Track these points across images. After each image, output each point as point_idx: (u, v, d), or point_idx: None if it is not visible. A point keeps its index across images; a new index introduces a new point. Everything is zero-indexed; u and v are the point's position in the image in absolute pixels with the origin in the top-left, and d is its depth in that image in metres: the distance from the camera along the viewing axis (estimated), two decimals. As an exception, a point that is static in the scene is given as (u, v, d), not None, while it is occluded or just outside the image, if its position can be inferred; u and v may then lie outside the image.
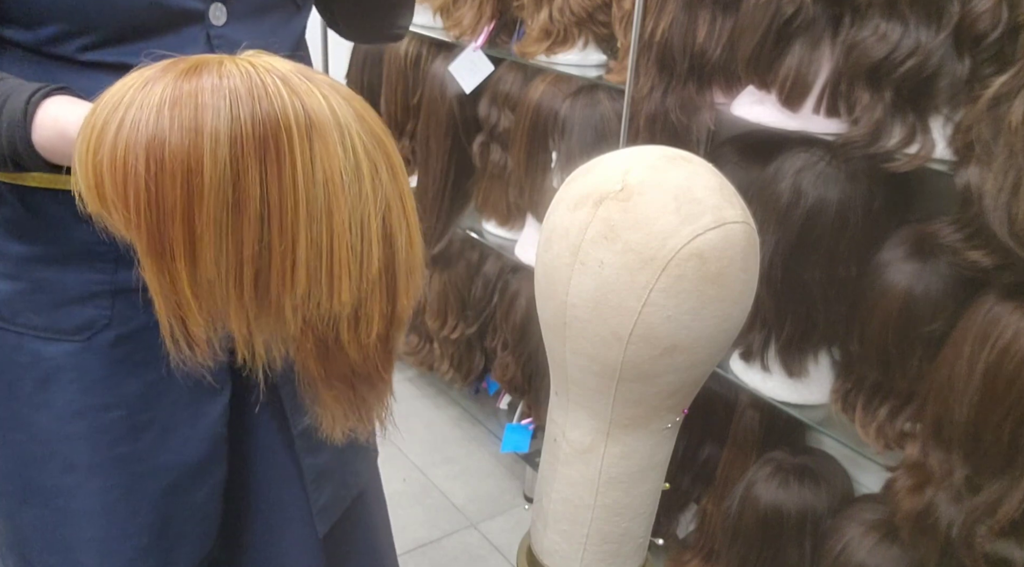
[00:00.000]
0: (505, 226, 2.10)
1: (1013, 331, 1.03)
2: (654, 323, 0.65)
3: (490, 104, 2.02)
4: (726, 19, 1.38)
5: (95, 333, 0.82)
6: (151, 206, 0.55)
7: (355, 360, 0.67)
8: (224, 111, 0.55)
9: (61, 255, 0.81)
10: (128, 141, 0.55)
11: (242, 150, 0.55)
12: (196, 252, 0.57)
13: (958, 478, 1.11)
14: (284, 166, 0.56)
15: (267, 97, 0.56)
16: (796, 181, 1.28)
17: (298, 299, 0.60)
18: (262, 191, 0.57)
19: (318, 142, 0.57)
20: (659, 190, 0.65)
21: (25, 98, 0.65)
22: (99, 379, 0.83)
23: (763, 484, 1.43)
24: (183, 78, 0.56)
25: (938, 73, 1.11)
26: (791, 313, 1.35)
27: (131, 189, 0.55)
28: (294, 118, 0.56)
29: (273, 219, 0.57)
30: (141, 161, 0.54)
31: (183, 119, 0.55)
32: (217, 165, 0.55)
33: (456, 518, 2.06)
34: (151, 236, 0.56)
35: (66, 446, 0.84)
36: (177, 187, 0.55)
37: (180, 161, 0.54)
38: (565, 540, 0.81)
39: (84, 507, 0.86)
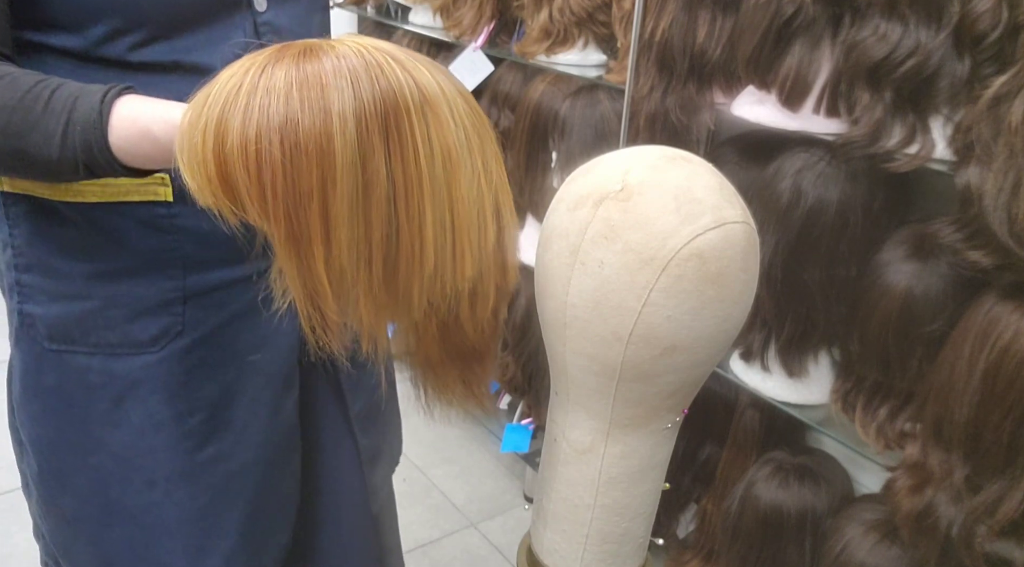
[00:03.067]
0: (505, 226, 2.10)
1: (1013, 331, 1.03)
2: (654, 323, 0.65)
3: (490, 104, 2.02)
4: (726, 19, 1.38)
5: (170, 341, 0.82)
6: (288, 190, 0.54)
7: (472, 337, 0.67)
8: (348, 91, 0.54)
9: (130, 267, 0.80)
10: (259, 126, 0.53)
11: (367, 129, 0.55)
12: (331, 235, 0.56)
13: (958, 478, 1.11)
14: (406, 144, 0.56)
15: (384, 75, 0.55)
16: (796, 181, 1.28)
17: (426, 280, 0.59)
18: (388, 170, 0.56)
19: (432, 118, 0.57)
20: (659, 190, 0.65)
21: (98, 99, 0.63)
22: (178, 387, 0.82)
23: (763, 484, 1.43)
24: (303, 60, 0.55)
25: (938, 73, 1.11)
26: (791, 313, 1.35)
27: (267, 174, 0.54)
28: (410, 95, 0.56)
29: (399, 199, 0.57)
30: (276, 145, 0.53)
31: (312, 100, 0.54)
32: (348, 145, 0.54)
33: (456, 518, 2.06)
34: (288, 221, 0.55)
35: (148, 460, 0.83)
36: (313, 169, 0.54)
37: (315, 142, 0.53)
38: (565, 540, 0.81)
39: (172, 519, 0.85)
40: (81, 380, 0.82)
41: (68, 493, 0.86)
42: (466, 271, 0.61)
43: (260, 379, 0.86)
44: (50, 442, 0.85)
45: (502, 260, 0.65)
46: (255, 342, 0.85)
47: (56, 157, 0.64)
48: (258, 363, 0.85)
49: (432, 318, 0.63)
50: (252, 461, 0.87)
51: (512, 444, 2.07)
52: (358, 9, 2.40)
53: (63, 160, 0.64)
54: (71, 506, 0.87)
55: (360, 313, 0.60)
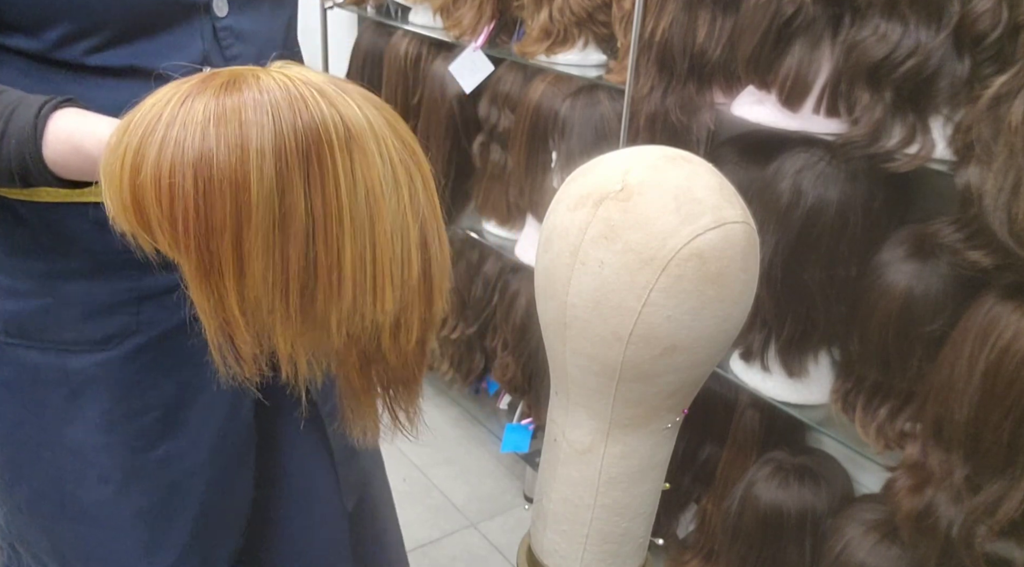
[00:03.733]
0: (505, 226, 2.10)
1: (1013, 331, 1.03)
2: (654, 323, 0.65)
3: (490, 104, 2.02)
4: (726, 19, 1.38)
5: (124, 340, 0.82)
6: (200, 225, 0.54)
7: (395, 366, 0.67)
8: (268, 126, 0.54)
9: (85, 267, 0.80)
10: (174, 160, 0.53)
11: (287, 164, 0.54)
12: (244, 269, 0.56)
13: (958, 478, 1.11)
14: (327, 179, 0.56)
15: (307, 110, 0.55)
16: (796, 181, 1.28)
17: (344, 312, 0.59)
18: (307, 205, 0.56)
19: (357, 153, 0.57)
20: (659, 190, 0.65)
21: (34, 112, 0.63)
22: (131, 385, 0.83)
23: (763, 484, 1.43)
24: (224, 93, 0.55)
25: (938, 73, 1.11)
26: (791, 313, 1.35)
27: (179, 208, 0.54)
28: (334, 130, 0.56)
29: (319, 233, 0.56)
30: (189, 180, 0.53)
31: (229, 136, 0.53)
32: (264, 180, 0.54)
33: (456, 518, 2.06)
34: (200, 255, 0.55)
35: (102, 457, 0.84)
36: (226, 204, 0.54)
37: (228, 178, 0.53)
38: (565, 540, 0.81)
39: (125, 515, 0.86)
40: (36, 375, 0.83)
41: (24, 484, 0.87)
42: (386, 304, 0.61)
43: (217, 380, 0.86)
44: (6, 434, 0.86)
45: (428, 292, 0.65)
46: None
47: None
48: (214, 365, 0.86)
49: (352, 347, 0.64)
50: (206, 461, 0.87)
51: (512, 444, 2.07)
52: (358, 9, 2.40)
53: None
54: (26, 497, 0.88)
55: (276, 342, 0.60)
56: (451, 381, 2.36)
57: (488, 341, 2.23)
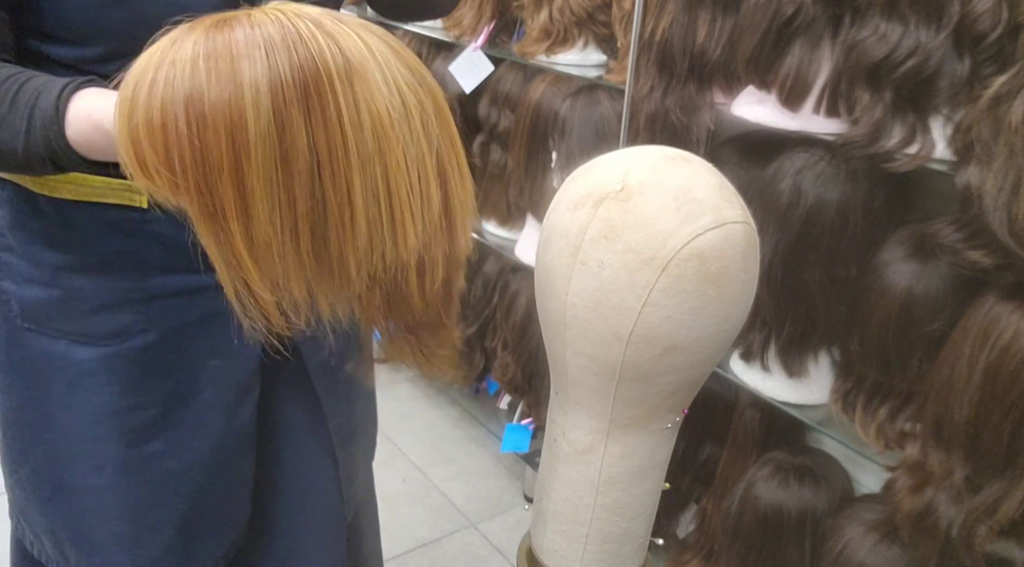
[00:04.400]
0: (505, 226, 2.10)
1: (1013, 331, 1.03)
2: (654, 323, 0.65)
3: (490, 104, 2.02)
4: (726, 19, 1.38)
5: (130, 337, 0.83)
6: (197, 165, 0.53)
7: (419, 309, 0.64)
8: (261, 60, 0.52)
9: (95, 264, 0.81)
10: (164, 99, 0.52)
11: (284, 99, 0.53)
12: (249, 209, 0.54)
13: (958, 478, 1.11)
14: (329, 112, 0.54)
15: (302, 42, 0.53)
16: (796, 181, 1.28)
17: (361, 252, 0.57)
18: (309, 141, 0.54)
19: (360, 83, 0.54)
20: (659, 190, 0.65)
21: (55, 94, 0.63)
22: (132, 381, 0.84)
23: (763, 484, 1.43)
24: (214, 31, 0.53)
25: (938, 73, 1.11)
26: (791, 313, 1.35)
27: (174, 149, 0.52)
28: (332, 61, 0.54)
29: (324, 169, 0.54)
30: (182, 119, 0.52)
31: (220, 71, 0.52)
32: (261, 116, 0.52)
33: (456, 518, 2.06)
34: (200, 196, 0.54)
35: (95, 446, 0.85)
36: (222, 142, 0.52)
37: (222, 114, 0.52)
38: (565, 540, 0.81)
39: (114, 505, 0.87)
40: (44, 361, 0.84)
41: (26, 463, 0.89)
42: (408, 241, 0.58)
43: (218, 384, 0.86)
44: (14, 414, 0.89)
45: (450, 227, 0.62)
46: (216, 348, 0.85)
47: (22, 152, 0.64)
48: (217, 369, 0.86)
49: (376, 291, 0.61)
50: (197, 462, 0.87)
51: (512, 444, 2.06)
52: (358, 9, 2.40)
53: (29, 155, 0.64)
54: (27, 475, 0.90)
55: (291, 288, 0.58)
56: (451, 381, 2.36)
57: (488, 341, 2.23)
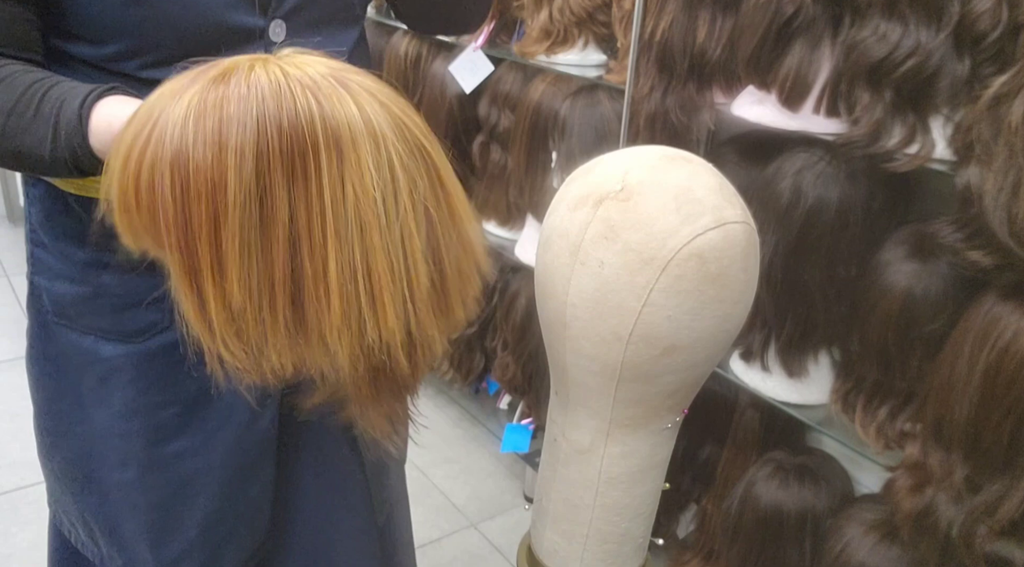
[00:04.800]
0: (505, 226, 2.10)
1: (1013, 331, 1.03)
2: (654, 323, 0.65)
3: (490, 104, 2.02)
4: (726, 19, 1.38)
5: (154, 335, 0.84)
6: (179, 224, 0.53)
7: (406, 377, 0.64)
8: (250, 127, 0.52)
9: (121, 263, 0.81)
10: (154, 157, 0.52)
11: (268, 166, 0.52)
12: (224, 272, 0.54)
13: (958, 478, 1.11)
14: (311, 185, 0.53)
15: (295, 110, 0.52)
16: (796, 181, 1.28)
17: (336, 327, 0.56)
18: (290, 211, 0.53)
19: (348, 158, 0.54)
20: (659, 190, 0.65)
21: (79, 102, 0.64)
22: (156, 379, 0.85)
23: (763, 484, 1.43)
24: (211, 87, 0.53)
25: (938, 73, 1.11)
26: (791, 313, 1.35)
27: (159, 207, 0.53)
28: (322, 133, 0.53)
29: (303, 240, 0.54)
30: (167, 178, 0.52)
31: (207, 133, 0.52)
32: (243, 181, 0.52)
33: (456, 518, 2.06)
34: (180, 255, 0.54)
35: (122, 443, 0.87)
36: (203, 204, 0.52)
37: (204, 178, 0.51)
38: (565, 540, 0.81)
39: (139, 502, 0.89)
40: (75, 355, 0.86)
41: (58, 453, 0.92)
42: (387, 320, 0.57)
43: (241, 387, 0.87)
44: (46, 405, 0.91)
45: (444, 303, 0.62)
46: None
47: (48, 158, 0.66)
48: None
49: (361, 362, 0.60)
50: (219, 463, 0.88)
51: (512, 444, 2.06)
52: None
53: (55, 160, 0.66)
54: (59, 465, 0.92)
55: (270, 354, 0.57)
56: (451, 381, 2.36)
57: (488, 341, 2.23)
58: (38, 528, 1.91)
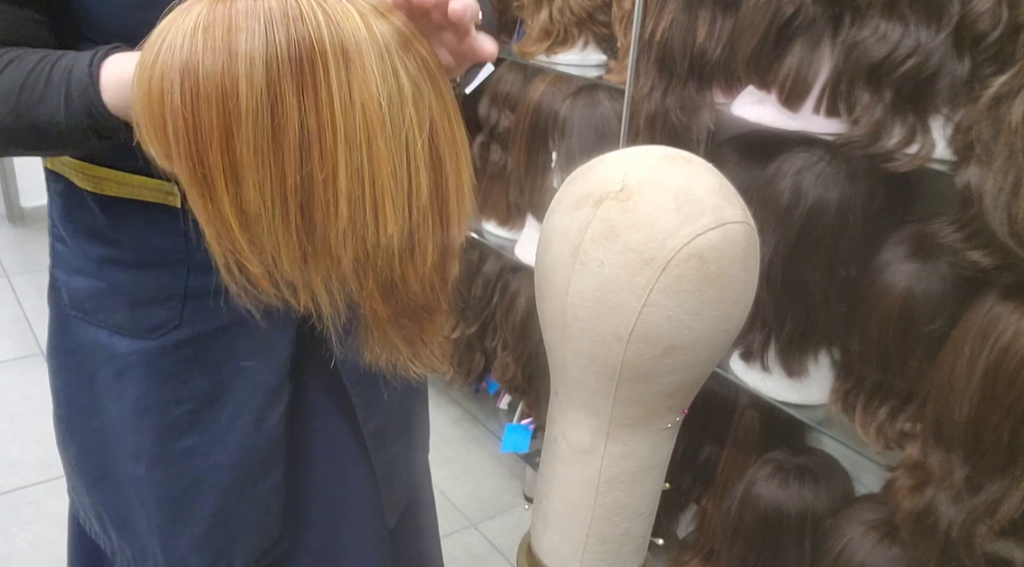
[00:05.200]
0: (505, 226, 2.10)
1: (1013, 331, 1.03)
2: (654, 323, 0.65)
3: (490, 104, 2.02)
4: (726, 19, 1.38)
5: (166, 333, 0.85)
6: (188, 132, 0.54)
7: (416, 293, 0.65)
8: (259, 34, 0.53)
9: (135, 260, 0.83)
10: (163, 67, 0.54)
11: (278, 73, 0.54)
12: (239, 178, 0.55)
13: (958, 478, 1.11)
14: (320, 91, 0.55)
15: (302, 19, 0.54)
16: (796, 181, 1.28)
17: (341, 232, 0.58)
18: (300, 118, 0.55)
19: (354, 66, 0.55)
20: (659, 190, 0.65)
21: (87, 62, 0.65)
22: (168, 376, 0.86)
23: (763, 484, 1.43)
24: (218, 2, 0.55)
25: (938, 73, 1.11)
26: (791, 313, 1.35)
27: (168, 116, 0.54)
28: (329, 41, 0.55)
29: (313, 147, 0.56)
30: (176, 87, 0.53)
31: (216, 42, 0.53)
32: (254, 88, 0.53)
33: (456, 518, 2.06)
34: (191, 164, 0.55)
35: (135, 437, 0.88)
36: (213, 111, 0.54)
37: (215, 84, 0.53)
38: (565, 540, 0.81)
39: (150, 496, 0.90)
40: (92, 349, 0.87)
41: (74, 444, 0.93)
42: (388, 226, 0.59)
43: (250, 385, 0.88)
44: (65, 396, 0.92)
45: (441, 213, 0.63)
46: (251, 349, 0.87)
47: (64, 125, 0.66)
48: (250, 370, 0.88)
49: (368, 274, 0.62)
50: (227, 462, 0.89)
51: (512, 444, 2.07)
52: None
53: (71, 127, 0.66)
54: (75, 456, 0.94)
55: (282, 264, 0.59)
56: (451, 381, 2.36)
57: (488, 341, 2.23)
58: (38, 528, 1.91)
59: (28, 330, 2.66)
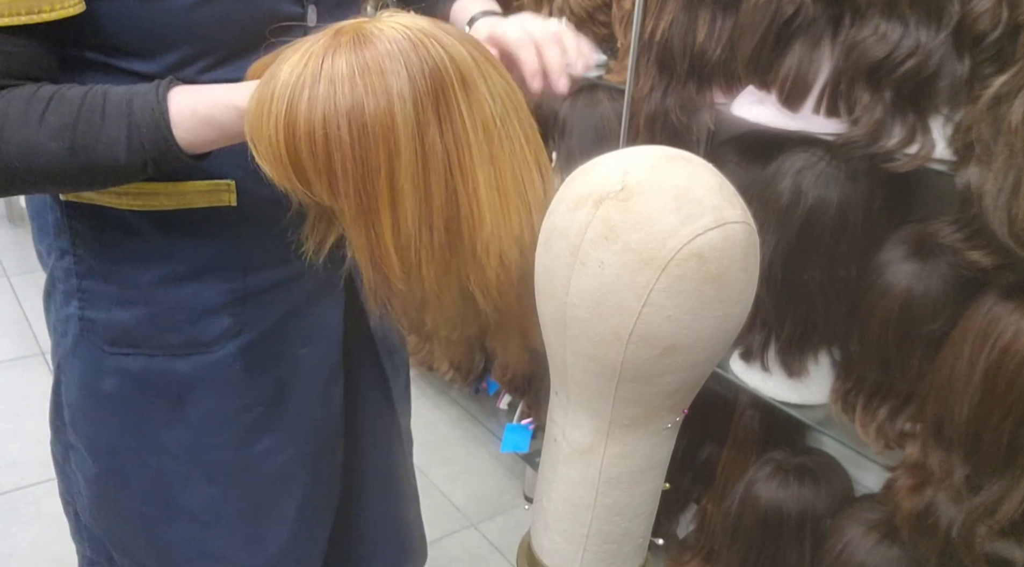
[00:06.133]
0: (505, 226, 2.10)
1: (1013, 331, 1.03)
2: (654, 323, 0.65)
3: (490, 104, 2.01)
4: (726, 19, 1.38)
5: (229, 341, 0.85)
6: (357, 169, 0.60)
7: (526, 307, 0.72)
8: (403, 73, 0.60)
9: (194, 271, 0.83)
10: (326, 112, 0.59)
11: (422, 106, 0.60)
12: (397, 205, 0.61)
13: (958, 478, 1.11)
14: (454, 115, 0.62)
15: (429, 55, 0.61)
16: (796, 181, 1.28)
17: (485, 240, 0.65)
18: (443, 142, 0.62)
19: (471, 90, 0.63)
20: (659, 190, 0.65)
21: (153, 98, 0.67)
22: (238, 383, 0.86)
23: (763, 484, 1.43)
24: (359, 48, 0.60)
25: (938, 73, 1.11)
26: (791, 313, 1.35)
27: (336, 156, 0.60)
28: (452, 71, 0.62)
29: (454, 167, 0.63)
30: (344, 129, 0.59)
31: (374, 85, 0.59)
32: (407, 123, 0.60)
33: (456, 518, 2.06)
34: (358, 197, 0.61)
35: (208, 456, 0.87)
36: (380, 146, 0.59)
37: (380, 123, 0.59)
38: (565, 540, 0.81)
39: (231, 512, 0.89)
40: (140, 383, 0.84)
41: (127, 493, 0.89)
42: (517, 227, 0.67)
43: (310, 372, 0.91)
44: (109, 445, 0.87)
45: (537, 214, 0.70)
46: (304, 336, 0.90)
47: (123, 162, 0.67)
48: (307, 357, 0.91)
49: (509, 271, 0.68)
50: (303, 451, 0.92)
51: (512, 444, 2.06)
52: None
53: (130, 164, 0.68)
54: (130, 505, 0.89)
55: (423, 277, 0.65)
56: (451, 381, 2.36)
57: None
58: (38, 528, 1.92)
59: (28, 330, 2.66)
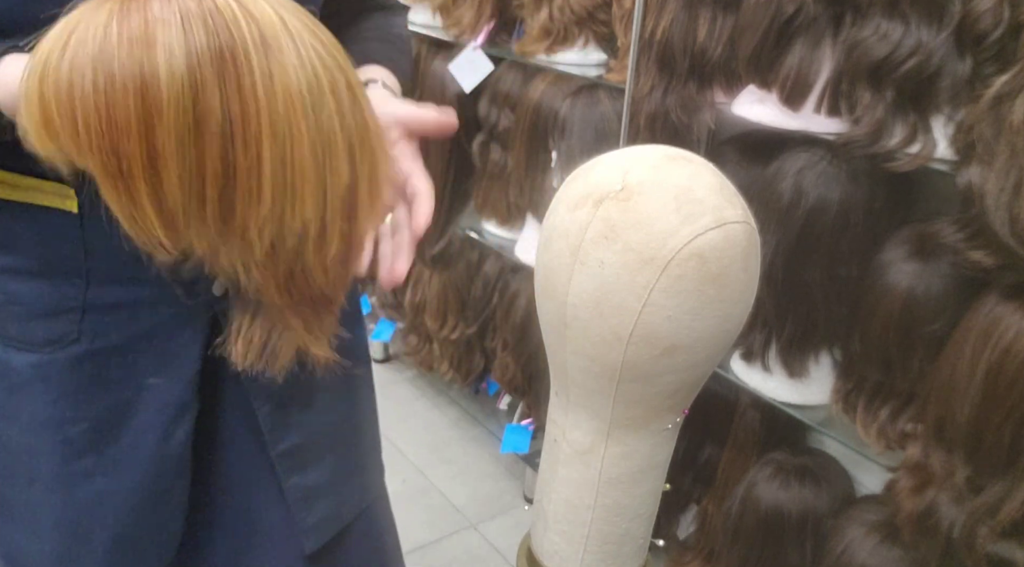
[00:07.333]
0: (505, 226, 2.10)
1: (1015, 331, 1.03)
2: (654, 323, 0.65)
3: (490, 103, 2.01)
4: (727, 18, 1.37)
5: (64, 346, 0.81)
6: (102, 123, 0.53)
7: (320, 283, 0.65)
8: (176, 25, 0.53)
9: (33, 269, 0.80)
10: (74, 61, 0.52)
11: (199, 63, 0.53)
12: (159, 170, 0.55)
13: (960, 479, 1.10)
14: (244, 80, 0.55)
15: (218, 12, 0.54)
16: (797, 181, 1.28)
17: (263, 218, 0.58)
18: (223, 107, 0.54)
19: (274, 56, 0.55)
20: (659, 190, 0.65)
21: None
22: (66, 392, 0.82)
23: (764, 485, 1.43)
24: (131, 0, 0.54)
25: (939, 72, 1.11)
26: (792, 313, 1.35)
27: (79, 109, 0.53)
28: (248, 31, 0.55)
29: (236, 135, 0.55)
30: (88, 78, 0.52)
31: (132, 32, 0.52)
32: (175, 79, 0.53)
33: (456, 519, 2.06)
34: (104, 156, 0.54)
35: (30, 459, 0.83)
36: (131, 101, 0.52)
37: (131, 75, 0.52)
38: (565, 541, 0.81)
39: (47, 522, 0.85)
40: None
41: None
42: (305, 211, 0.59)
43: (155, 404, 0.84)
44: None
45: (350, 205, 0.63)
46: (156, 365, 0.84)
47: None
48: (156, 388, 0.84)
49: (276, 260, 0.61)
50: (130, 483, 0.85)
51: (512, 445, 2.06)
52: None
53: None
54: None
55: (196, 245, 0.59)
56: (451, 381, 2.36)
57: (488, 341, 2.23)
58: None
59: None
